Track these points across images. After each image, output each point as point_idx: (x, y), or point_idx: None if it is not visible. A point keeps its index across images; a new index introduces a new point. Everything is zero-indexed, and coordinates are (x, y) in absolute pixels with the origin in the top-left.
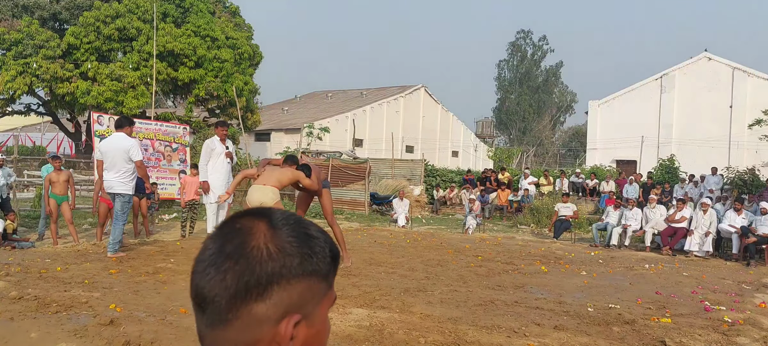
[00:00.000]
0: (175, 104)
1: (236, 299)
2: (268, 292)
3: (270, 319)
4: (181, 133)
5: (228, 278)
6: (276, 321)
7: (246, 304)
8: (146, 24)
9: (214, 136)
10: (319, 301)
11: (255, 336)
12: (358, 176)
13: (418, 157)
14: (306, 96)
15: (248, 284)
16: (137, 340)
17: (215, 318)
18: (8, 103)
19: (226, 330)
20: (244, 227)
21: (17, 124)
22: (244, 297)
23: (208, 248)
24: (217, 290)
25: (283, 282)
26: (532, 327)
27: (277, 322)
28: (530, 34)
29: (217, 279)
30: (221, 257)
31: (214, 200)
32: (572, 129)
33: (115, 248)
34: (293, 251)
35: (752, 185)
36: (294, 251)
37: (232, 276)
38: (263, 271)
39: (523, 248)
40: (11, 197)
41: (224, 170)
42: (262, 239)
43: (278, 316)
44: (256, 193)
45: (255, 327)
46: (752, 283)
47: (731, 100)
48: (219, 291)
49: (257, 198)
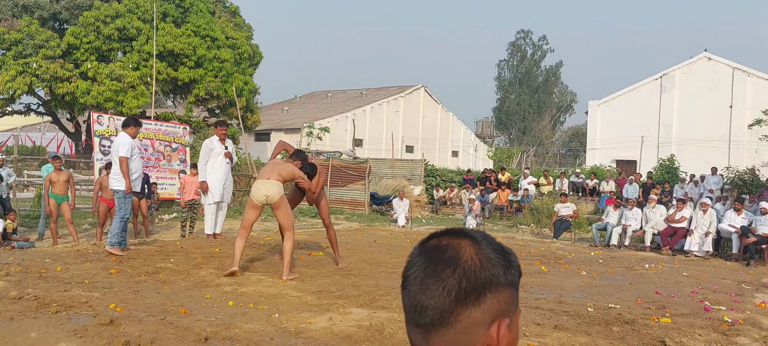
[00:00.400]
0: (175, 104)
1: (457, 304)
2: (482, 298)
3: (483, 323)
4: (181, 133)
5: (448, 285)
6: (488, 326)
7: (465, 308)
8: (146, 24)
9: (213, 136)
10: (515, 309)
11: (471, 339)
12: (358, 175)
13: (418, 157)
14: (306, 96)
15: (466, 290)
16: (137, 340)
17: (436, 322)
18: (8, 103)
19: (447, 333)
20: (451, 243)
21: (17, 124)
22: (463, 302)
23: (416, 263)
24: (438, 296)
25: (493, 289)
26: (532, 327)
27: (488, 326)
28: (530, 34)
29: (439, 287)
30: (439, 267)
31: (212, 201)
32: (572, 129)
33: (113, 241)
34: (498, 262)
35: (752, 184)
36: (498, 263)
37: (452, 283)
38: (478, 279)
39: (523, 248)
40: (11, 197)
41: (223, 171)
42: (472, 252)
43: (489, 321)
44: (261, 187)
45: (472, 330)
46: (752, 283)
47: (731, 100)
48: (441, 297)
49: (263, 192)
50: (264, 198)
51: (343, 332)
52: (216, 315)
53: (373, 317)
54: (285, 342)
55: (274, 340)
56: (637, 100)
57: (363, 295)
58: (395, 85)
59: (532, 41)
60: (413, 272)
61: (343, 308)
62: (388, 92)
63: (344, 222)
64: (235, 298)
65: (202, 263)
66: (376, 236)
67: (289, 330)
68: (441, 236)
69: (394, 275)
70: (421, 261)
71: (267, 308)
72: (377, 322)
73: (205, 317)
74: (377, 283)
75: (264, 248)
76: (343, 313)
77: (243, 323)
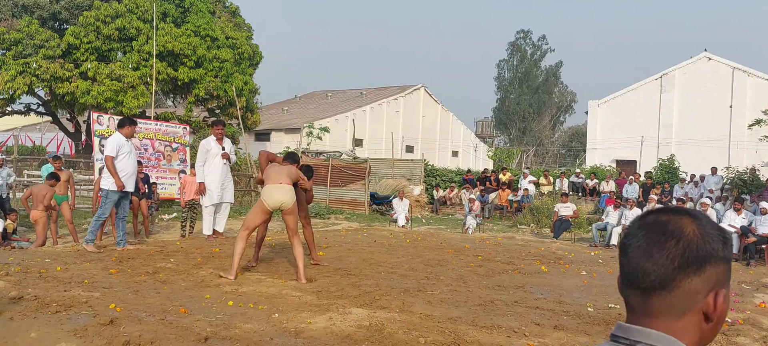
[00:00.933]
0: (175, 104)
1: (679, 272)
2: (703, 268)
3: (702, 291)
4: (181, 133)
5: (672, 255)
6: (705, 294)
7: (687, 276)
8: (146, 24)
9: (210, 136)
10: (729, 282)
11: (689, 304)
12: (358, 175)
13: (418, 157)
14: (306, 96)
15: (689, 260)
16: (137, 340)
17: (658, 286)
18: (8, 103)
19: (668, 297)
20: (672, 219)
21: (17, 124)
22: (685, 270)
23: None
24: (662, 264)
25: (712, 262)
26: (532, 327)
27: (705, 295)
28: (530, 34)
29: (663, 256)
30: (662, 239)
31: (209, 203)
32: (572, 129)
33: (87, 238)
34: (717, 238)
35: (752, 184)
36: (717, 239)
37: (676, 253)
38: (700, 251)
39: (523, 248)
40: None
41: (220, 171)
42: (693, 228)
43: (707, 289)
44: (276, 193)
45: (691, 296)
46: (752, 283)
47: (731, 100)
48: (665, 265)
49: (278, 198)
50: (279, 204)
51: (343, 332)
52: (216, 315)
53: (372, 317)
54: (285, 342)
55: (274, 340)
56: (637, 100)
57: (363, 295)
58: (395, 85)
59: (532, 41)
60: (634, 241)
61: (342, 308)
62: (388, 92)
63: (344, 222)
64: (235, 298)
65: (202, 263)
66: (376, 236)
67: (289, 330)
68: (659, 212)
69: (394, 275)
70: (643, 233)
71: (267, 308)
72: (377, 322)
73: (205, 317)
74: (377, 283)
75: (264, 248)
76: (343, 313)
77: (243, 323)
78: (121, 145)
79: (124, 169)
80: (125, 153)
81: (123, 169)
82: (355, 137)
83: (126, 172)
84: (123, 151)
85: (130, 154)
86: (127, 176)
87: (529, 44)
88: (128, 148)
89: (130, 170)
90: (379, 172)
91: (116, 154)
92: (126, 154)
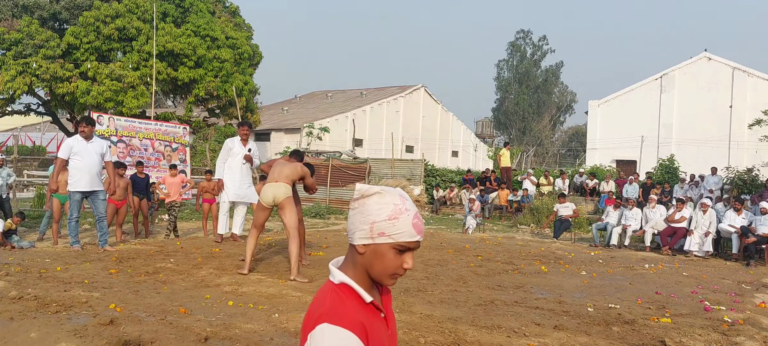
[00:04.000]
0: (175, 104)
1: None
2: None
3: None
4: (181, 133)
5: None
6: None
7: None
8: (146, 24)
9: (235, 136)
10: None
11: None
12: (358, 175)
13: (418, 157)
14: (306, 96)
15: None
16: (137, 340)
17: None
18: (8, 103)
19: None
20: None
21: (17, 124)
22: None
23: None
24: None
25: None
26: (532, 327)
27: None
28: (530, 34)
29: None
30: None
31: (226, 199)
32: (572, 129)
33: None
34: None
35: (752, 184)
36: None
37: None
38: None
39: (523, 248)
40: (11, 197)
41: (239, 171)
42: None
43: None
44: (268, 189)
45: None
46: (752, 283)
47: (731, 100)
48: None
49: (270, 194)
50: (272, 199)
51: None
52: (216, 315)
53: None
54: (285, 342)
55: (274, 340)
56: (637, 100)
57: None
58: (395, 85)
59: (531, 41)
60: None
61: None
62: (388, 92)
63: (344, 222)
64: (235, 298)
65: (202, 263)
66: None
67: (289, 330)
68: None
69: None
70: None
71: (267, 308)
72: None
73: (205, 317)
74: None
75: (264, 248)
76: None
77: (243, 323)
78: (73, 146)
79: (79, 170)
80: (78, 154)
81: (77, 170)
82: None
83: (80, 173)
84: (75, 152)
85: (86, 154)
86: (80, 178)
87: (529, 44)
88: (83, 148)
89: (85, 171)
90: (379, 172)
91: (68, 155)
92: (79, 154)
